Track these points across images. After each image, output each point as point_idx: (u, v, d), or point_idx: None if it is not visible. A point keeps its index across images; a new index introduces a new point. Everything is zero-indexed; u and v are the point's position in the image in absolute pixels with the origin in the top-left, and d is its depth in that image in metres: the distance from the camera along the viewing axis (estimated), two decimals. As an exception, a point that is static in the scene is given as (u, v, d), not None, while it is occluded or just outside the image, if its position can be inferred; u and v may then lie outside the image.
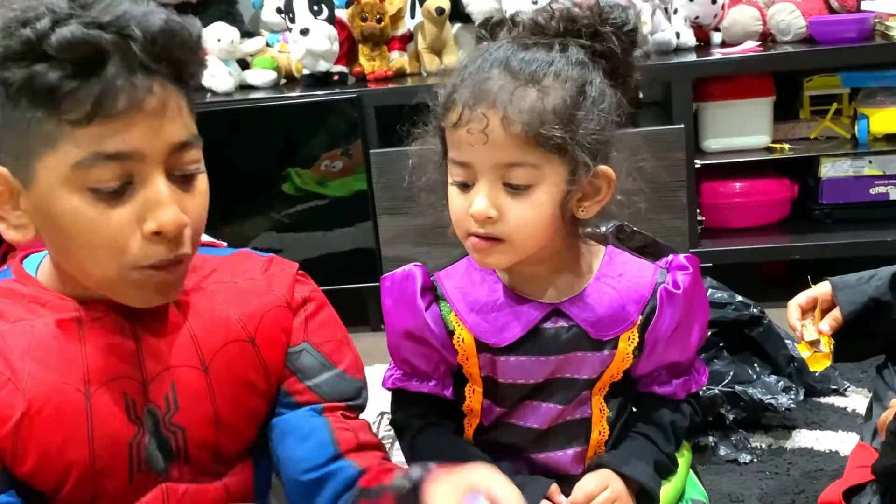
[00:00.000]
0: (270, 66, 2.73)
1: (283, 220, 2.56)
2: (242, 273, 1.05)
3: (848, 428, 1.75)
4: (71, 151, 0.85)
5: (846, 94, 2.47)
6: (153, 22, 0.85)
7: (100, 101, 0.84)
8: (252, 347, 1.01)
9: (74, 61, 0.83)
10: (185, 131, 0.90)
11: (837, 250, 2.37)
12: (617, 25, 1.02)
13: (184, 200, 0.91)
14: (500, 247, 1.01)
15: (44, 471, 0.93)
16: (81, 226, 0.87)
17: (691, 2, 2.56)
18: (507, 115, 0.95)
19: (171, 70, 0.88)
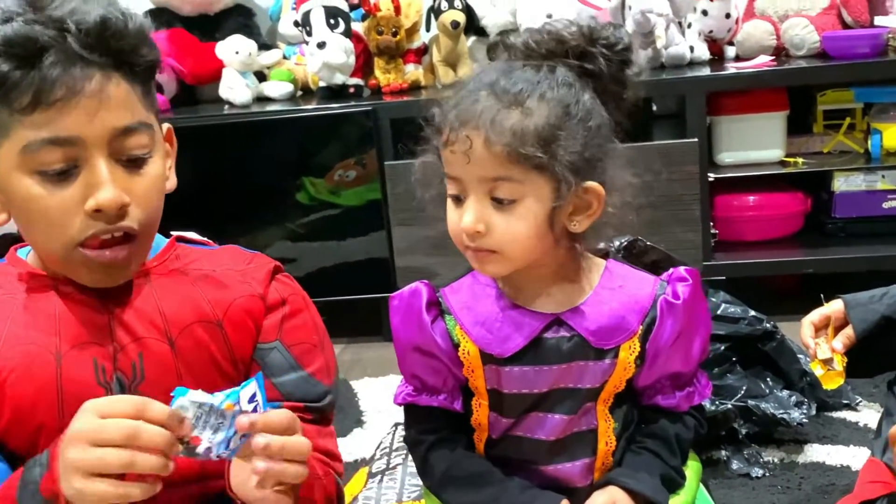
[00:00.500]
0: (287, 79, 2.74)
1: (298, 230, 2.56)
2: (221, 264, 1.10)
3: (859, 443, 1.74)
4: (20, 138, 0.93)
5: (859, 108, 2.46)
6: (89, 16, 0.92)
7: (39, 91, 0.91)
8: (220, 331, 1.06)
9: (17, 55, 0.90)
10: (128, 117, 0.96)
11: (850, 264, 2.36)
12: (606, 45, 1.04)
13: (130, 182, 0.97)
14: (494, 257, 1.04)
15: (16, 429, 0.99)
16: (32, 205, 0.95)
17: (705, 16, 2.56)
18: (488, 136, 0.98)
19: (112, 59, 0.94)
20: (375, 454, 1.78)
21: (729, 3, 2.57)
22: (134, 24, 0.96)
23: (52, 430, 0.96)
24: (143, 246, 1.02)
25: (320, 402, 1.11)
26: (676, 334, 1.08)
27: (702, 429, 1.18)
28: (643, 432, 1.14)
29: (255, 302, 1.08)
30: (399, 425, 1.85)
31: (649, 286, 1.10)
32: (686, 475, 1.16)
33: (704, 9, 2.55)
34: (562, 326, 1.08)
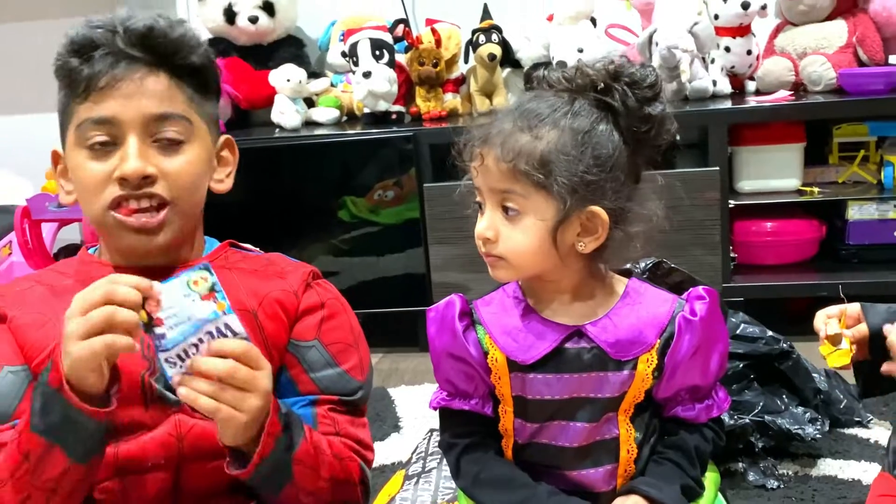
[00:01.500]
0: (334, 105, 2.77)
1: (340, 245, 2.58)
2: (263, 265, 1.18)
3: (870, 458, 1.72)
4: (76, 120, 1.07)
5: (873, 142, 2.45)
6: (137, 22, 1.06)
7: (90, 80, 1.05)
8: (255, 320, 1.11)
9: (78, 52, 1.05)
10: (163, 106, 1.07)
11: (862, 289, 2.34)
12: (629, 82, 1.06)
13: (162, 161, 1.07)
14: (501, 263, 1.08)
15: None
16: (80, 174, 1.08)
17: (728, 52, 2.56)
18: (497, 153, 1.05)
19: (154, 57, 1.06)
20: (412, 458, 1.79)
21: (750, 40, 2.57)
22: (177, 31, 1.08)
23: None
24: (177, 216, 1.09)
25: (353, 395, 1.17)
26: (694, 349, 1.10)
27: (720, 441, 1.18)
28: (664, 444, 1.15)
29: (289, 297, 1.14)
30: (434, 431, 1.86)
31: (668, 304, 1.12)
32: (705, 485, 1.17)
33: (727, 45, 2.55)
34: (582, 338, 1.10)
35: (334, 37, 2.87)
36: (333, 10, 2.92)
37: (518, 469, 1.14)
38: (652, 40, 2.46)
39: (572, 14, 2.60)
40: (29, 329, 1.08)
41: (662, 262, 1.37)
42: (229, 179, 1.17)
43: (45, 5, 3.14)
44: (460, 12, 2.78)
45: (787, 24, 2.61)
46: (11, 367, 1.07)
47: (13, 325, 1.09)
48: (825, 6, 2.52)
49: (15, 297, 1.12)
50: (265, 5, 2.80)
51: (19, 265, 2.84)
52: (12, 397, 1.06)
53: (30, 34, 3.16)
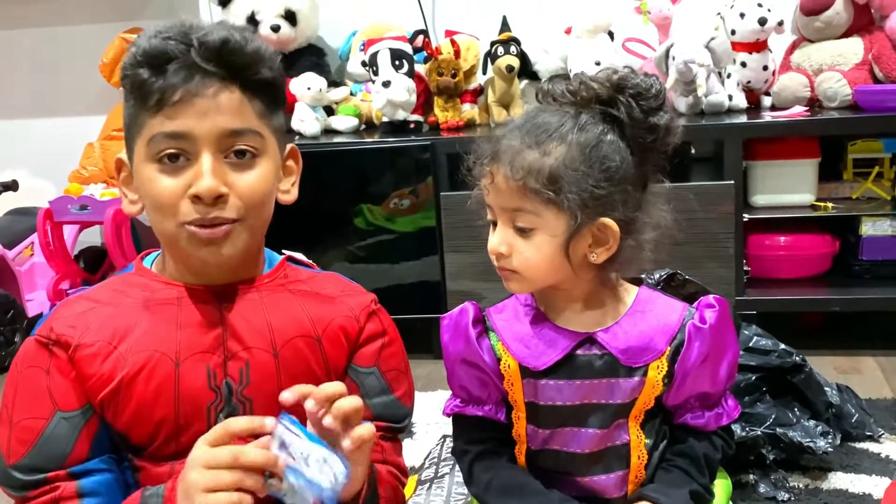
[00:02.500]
0: (353, 113, 2.78)
1: (356, 252, 2.59)
2: (324, 287, 1.16)
3: (882, 473, 1.72)
4: (147, 133, 1.03)
5: (888, 158, 2.44)
6: (213, 36, 1.02)
7: (163, 93, 1.00)
8: (318, 345, 1.11)
9: (151, 64, 1.01)
10: (237, 122, 1.03)
11: (875, 304, 2.33)
12: (634, 94, 1.07)
13: (234, 177, 1.03)
14: (515, 276, 1.10)
15: (138, 424, 1.05)
16: (151, 188, 1.03)
17: (744, 67, 2.56)
18: (507, 171, 1.05)
19: (228, 72, 1.02)
20: (424, 463, 1.80)
21: (767, 55, 2.57)
22: (252, 46, 1.04)
23: (170, 426, 1.05)
24: (246, 230, 1.06)
25: (402, 423, 1.17)
26: (704, 356, 1.11)
27: (729, 449, 1.19)
28: (674, 451, 1.16)
29: (351, 323, 1.13)
30: (447, 437, 1.86)
31: (678, 311, 1.13)
32: (715, 493, 1.17)
33: (743, 61, 2.55)
34: (594, 345, 1.11)
35: (355, 46, 2.88)
36: (354, 21, 2.93)
37: (530, 476, 1.15)
38: (669, 54, 2.46)
39: (590, 27, 2.61)
40: (94, 360, 1.04)
41: (677, 274, 1.37)
42: (294, 189, 1.15)
43: (71, 11, 3.17)
44: (479, 24, 2.79)
45: (804, 40, 2.61)
46: (65, 413, 1.04)
47: (76, 355, 1.04)
48: (842, 23, 2.52)
49: (76, 321, 1.06)
50: (287, 14, 2.82)
51: (41, 266, 2.86)
52: (66, 442, 1.03)
53: (55, 40, 3.20)
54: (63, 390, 1.04)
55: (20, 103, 3.27)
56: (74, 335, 1.05)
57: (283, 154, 1.12)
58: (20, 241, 2.85)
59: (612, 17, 2.64)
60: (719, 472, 1.21)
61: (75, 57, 3.16)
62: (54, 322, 1.07)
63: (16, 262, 2.81)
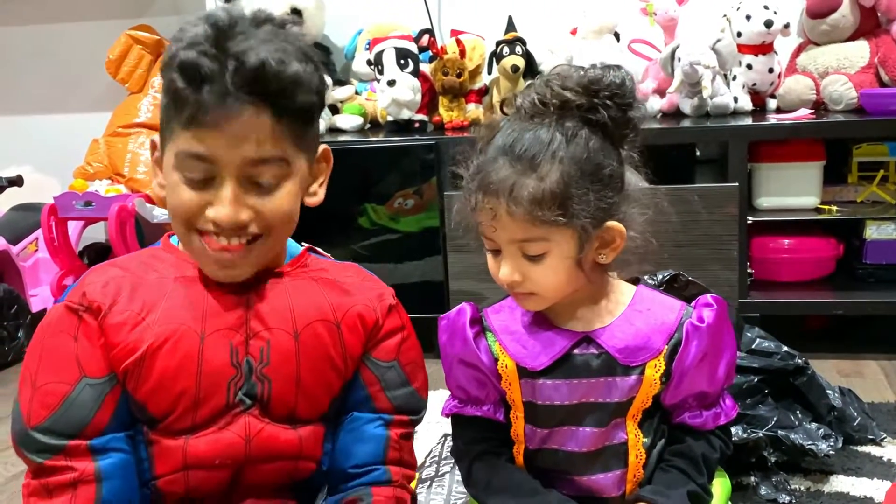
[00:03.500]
0: (358, 112, 2.78)
1: (360, 251, 2.59)
2: (345, 276, 1.18)
3: (883, 476, 1.71)
4: (177, 145, 1.03)
5: (893, 162, 2.44)
6: (250, 58, 0.98)
7: (195, 113, 1.00)
8: (337, 331, 1.13)
9: (187, 78, 0.99)
10: (264, 151, 1.02)
11: (878, 308, 2.33)
12: (608, 95, 1.04)
13: (255, 201, 1.04)
14: (532, 297, 1.10)
15: (159, 395, 1.06)
16: (174, 196, 1.05)
17: (750, 70, 2.56)
18: (509, 205, 1.02)
19: (263, 99, 1.00)
20: (425, 462, 1.80)
21: (772, 58, 2.57)
22: (290, 71, 1.01)
23: (189, 398, 1.08)
24: (264, 249, 1.09)
25: (419, 415, 1.20)
26: (701, 355, 1.11)
27: (727, 450, 1.19)
28: (672, 451, 1.16)
29: (370, 312, 1.15)
30: (448, 436, 1.87)
31: (676, 310, 1.13)
32: (713, 493, 1.17)
33: (749, 63, 2.55)
34: (591, 344, 1.11)
35: (360, 45, 2.88)
36: (360, 19, 2.94)
37: (529, 476, 1.15)
38: (674, 56, 2.47)
39: (596, 28, 2.61)
40: (121, 329, 1.06)
41: (679, 275, 1.38)
42: (322, 190, 1.16)
43: (78, 8, 3.18)
44: (485, 24, 2.80)
45: (810, 43, 2.61)
46: (91, 380, 1.05)
47: (105, 322, 1.06)
48: (848, 26, 2.52)
49: (107, 288, 1.08)
50: (293, 12, 2.82)
51: (45, 262, 2.87)
52: (89, 408, 1.04)
53: (61, 36, 3.21)
54: (90, 357, 1.06)
55: (26, 99, 3.28)
56: (105, 301, 1.07)
57: (315, 156, 1.12)
58: (25, 236, 2.86)
59: (618, 18, 2.64)
60: (718, 473, 1.21)
61: (81, 53, 3.17)
62: (87, 287, 1.08)
63: (20, 258, 2.82)
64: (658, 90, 2.61)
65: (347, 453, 1.14)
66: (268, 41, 1.00)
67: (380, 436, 1.15)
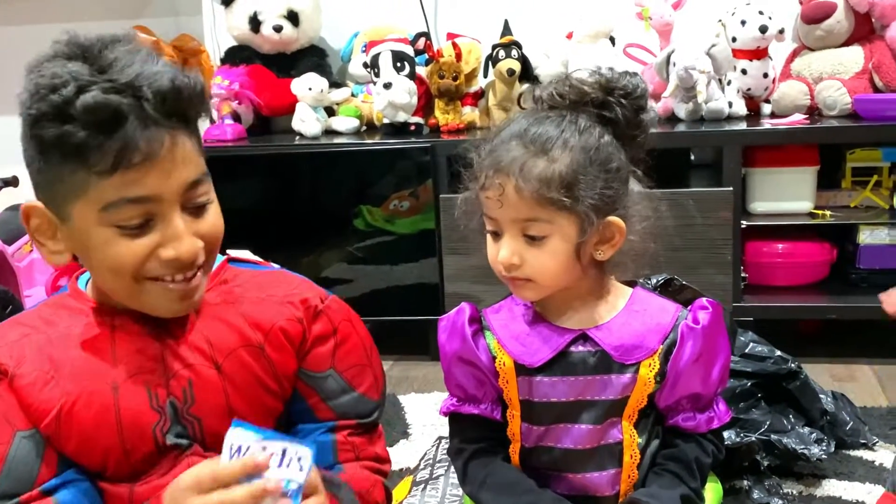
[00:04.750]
0: (354, 115, 2.79)
1: (355, 253, 2.59)
2: (264, 290, 1.11)
3: (875, 481, 1.72)
4: (99, 197, 0.93)
5: (886, 167, 2.44)
6: (162, 82, 0.92)
7: (121, 155, 0.91)
8: (262, 353, 1.07)
9: (95, 122, 0.89)
10: (195, 171, 0.98)
11: (872, 312, 2.32)
12: (623, 94, 1.09)
13: (197, 226, 0.99)
14: (528, 284, 1.11)
15: (85, 453, 1.02)
16: (110, 253, 0.96)
17: (744, 75, 2.56)
18: (518, 182, 1.05)
19: (181, 120, 0.95)
20: (420, 464, 1.80)
21: (767, 63, 2.58)
22: (200, 86, 0.97)
23: (116, 452, 1.03)
24: (207, 269, 1.05)
25: (370, 417, 1.15)
26: (696, 356, 1.12)
27: (720, 454, 1.20)
28: (665, 455, 1.17)
29: (294, 325, 1.09)
30: (443, 438, 1.87)
31: (671, 312, 1.15)
32: (705, 497, 1.18)
33: (744, 68, 2.56)
34: (587, 342, 1.13)
35: (356, 48, 2.88)
36: (356, 22, 2.94)
37: (524, 475, 1.16)
38: (670, 61, 2.47)
39: (591, 33, 2.61)
40: (33, 389, 1.01)
41: (674, 279, 1.38)
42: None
43: (74, 9, 3.18)
44: (481, 27, 2.80)
45: (804, 48, 2.62)
46: (23, 432, 1.00)
47: (15, 384, 1.01)
48: (842, 32, 2.53)
49: (10, 349, 1.03)
50: (290, 15, 2.83)
51: (39, 262, 2.86)
52: (32, 463, 1.00)
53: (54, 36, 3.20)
54: (15, 413, 1.01)
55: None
56: (10, 363, 1.02)
57: None
58: (19, 237, 2.85)
59: (614, 23, 2.65)
60: (710, 478, 1.22)
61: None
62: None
63: (15, 258, 2.81)
64: (653, 95, 2.61)
65: None
66: (144, 61, 0.93)
67: (324, 442, 1.11)
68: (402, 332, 2.55)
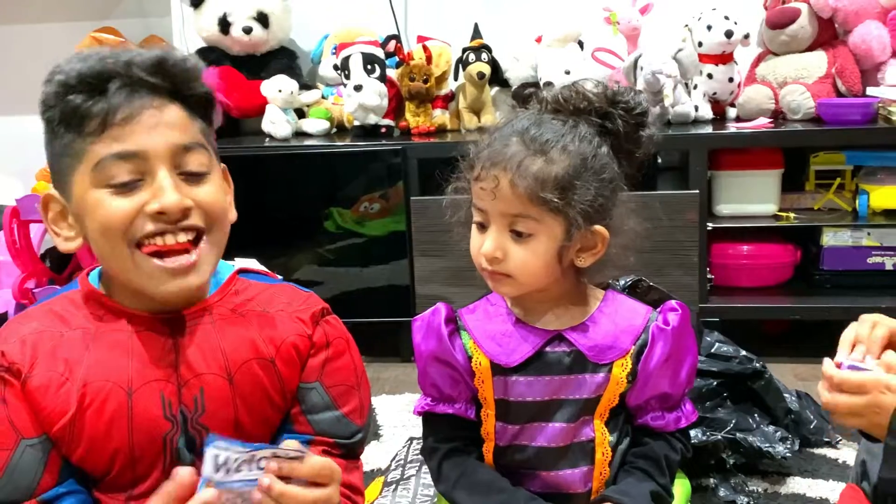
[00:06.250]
0: (324, 116, 2.78)
1: (326, 255, 2.59)
2: (276, 304, 1.11)
3: (839, 478, 1.75)
4: (92, 157, 0.97)
5: (849, 170, 2.49)
6: (151, 53, 0.99)
7: (107, 113, 0.96)
8: (272, 367, 1.07)
9: (88, 87, 0.96)
10: (185, 137, 1.00)
11: (835, 313, 2.37)
12: (626, 108, 1.11)
13: (193, 191, 1.00)
14: (508, 280, 1.12)
15: (93, 456, 1.02)
16: (100, 213, 0.98)
17: (710, 79, 2.60)
18: (513, 177, 1.06)
19: (171, 86, 0.99)
20: (391, 465, 1.80)
21: (732, 68, 2.62)
22: (190, 61, 1.02)
23: (124, 457, 1.03)
24: (210, 249, 1.03)
25: (351, 439, 1.12)
26: (666, 357, 1.15)
27: (688, 453, 1.23)
28: (635, 453, 1.19)
29: (303, 341, 1.10)
30: (414, 439, 1.88)
31: (642, 314, 1.18)
32: (674, 493, 1.20)
33: (710, 72, 2.59)
34: (563, 342, 1.15)
35: (326, 50, 2.89)
36: (326, 24, 2.94)
37: (498, 474, 1.18)
38: (637, 65, 2.50)
39: (560, 37, 2.63)
40: (46, 392, 1.00)
41: (641, 281, 1.40)
42: (233, 208, 1.10)
43: (42, 10, 3.15)
44: (451, 31, 2.81)
45: (769, 53, 2.66)
46: (29, 441, 1.00)
47: (27, 386, 1.00)
48: (806, 37, 2.57)
49: (23, 347, 1.02)
50: (259, 16, 2.82)
51: (6, 264, 2.83)
52: (34, 471, 1.00)
53: (24, 37, 3.17)
54: (23, 418, 1.00)
55: (-12, 100, 3.24)
56: (24, 363, 1.01)
57: (222, 168, 1.09)
58: (-15, 239, 2.82)
59: (582, 27, 2.67)
60: (678, 475, 1.24)
61: (46, 55, 3.12)
62: (4, 347, 1.02)
63: (-19, 261, 2.78)
64: (621, 98, 2.63)
65: None
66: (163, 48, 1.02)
67: None
68: (372, 334, 2.55)
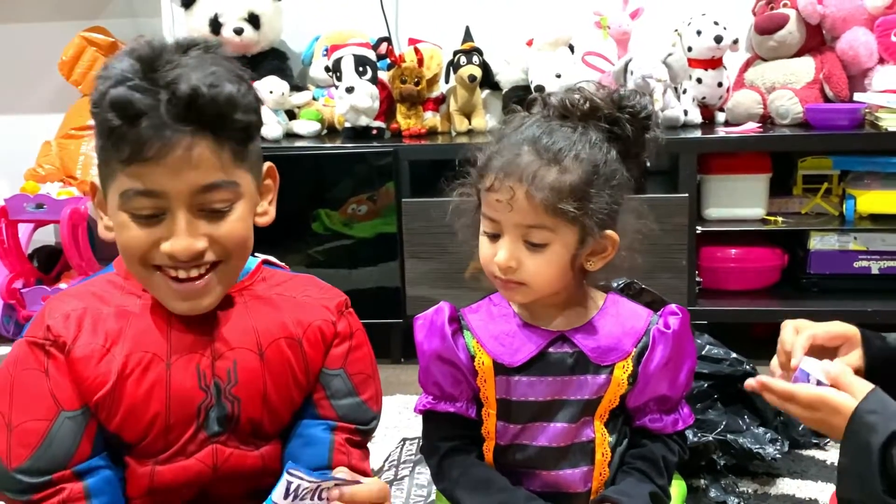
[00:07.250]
0: (315, 118, 2.78)
1: (314, 257, 2.59)
2: (303, 291, 1.18)
3: (827, 479, 1.76)
4: (119, 184, 1.02)
5: (836, 175, 2.51)
6: (182, 86, 0.97)
7: (135, 149, 0.98)
8: (299, 347, 1.14)
9: (123, 112, 0.97)
10: (210, 176, 1.01)
11: (822, 317, 2.32)
12: (632, 113, 1.12)
13: (211, 229, 1.03)
14: (521, 288, 1.12)
15: (131, 422, 1.07)
16: (123, 235, 1.04)
17: (699, 84, 2.61)
18: (530, 189, 1.06)
19: (201, 125, 0.99)
20: (384, 466, 1.81)
21: (721, 73, 2.64)
22: (224, 93, 0.99)
23: (161, 424, 1.07)
24: (225, 275, 1.08)
25: (368, 425, 1.19)
26: (666, 360, 1.16)
27: (685, 454, 1.24)
28: (633, 454, 1.20)
29: (328, 326, 1.16)
30: (406, 440, 1.88)
31: (644, 317, 1.19)
32: (672, 494, 1.21)
33: (699, 77, 2.61)
34: (565, 343, 1.16)
35: (318, 51, 2.88)
36: (317, 26, 2.94)
37: (498, 473, 1.18)
38: (627, 69, 2.51)
39: (551, 40, 2.64)
40: (88, 362, 1.06)
41: (633, 283, 1.41)
42: (272, 209, 1.15)
43: (31, 9, 3.13)
44: (443, 33, 2.82)
45: (758, 58, 2.68)
46: (69, 413, 1.05)
47: (71, 356, 1.06)
48: (794, 43, 2.59)
49: (66, 321, 1.07)
50: (250, 18, 2.81)
51: (-7, 264, 2.82)
52: (70, 442, 1.05)
53: (13, 36, 3.15)
54: (64, 390, 1.05)
55: (-24, 100, 3.22)
56: (69, 336, 1.06)
57: (261, 175, 1.11)
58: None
59: (573, 31, 2.68)
60: (675, 476, 1.25)
61: (34, 54, 3.12)
62: (49, 321, 1.07)
63: (-32, 260, 2.77)
64: (611, 102, 2.64)
65: (294, 458, 1.14)
66: (197, 67, 0.98)
67: (324, 439, 1.15)
68: (363, 336, 2.55)
